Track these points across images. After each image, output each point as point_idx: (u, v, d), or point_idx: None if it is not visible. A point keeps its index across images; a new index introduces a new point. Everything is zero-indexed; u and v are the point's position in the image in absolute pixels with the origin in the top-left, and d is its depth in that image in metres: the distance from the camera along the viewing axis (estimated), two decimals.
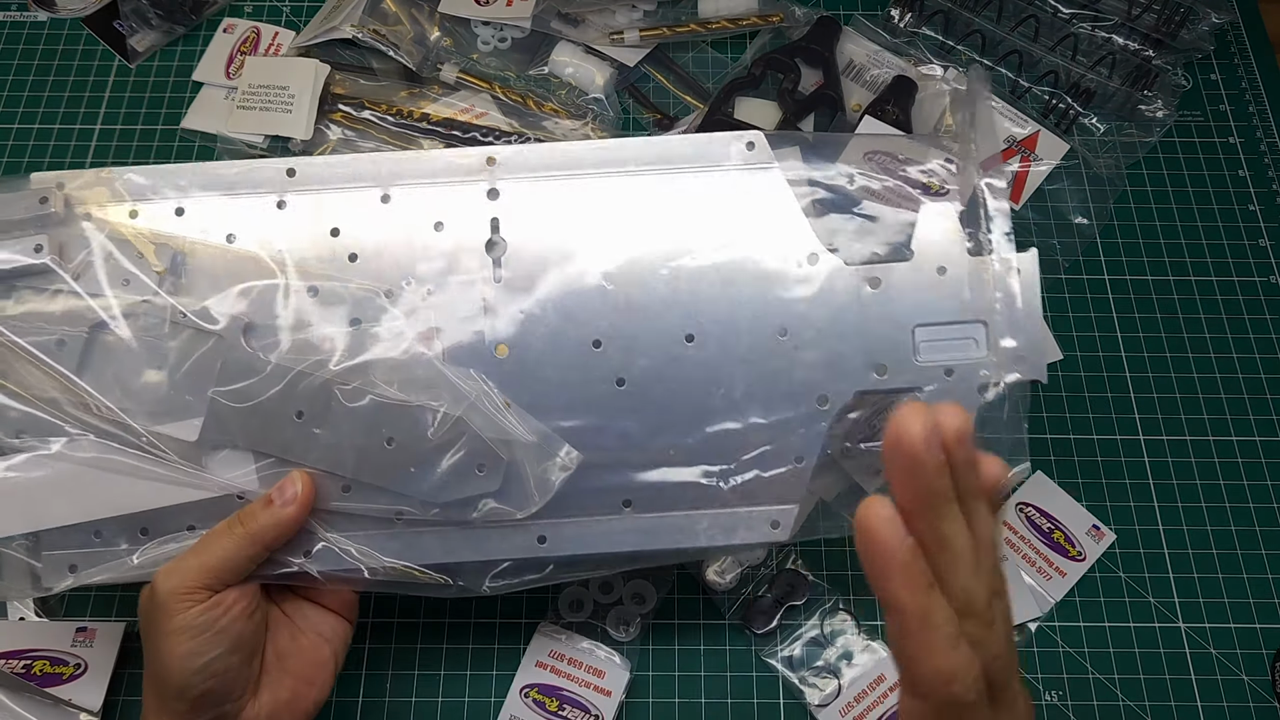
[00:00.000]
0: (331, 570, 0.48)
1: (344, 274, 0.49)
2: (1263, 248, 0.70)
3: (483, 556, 0.49)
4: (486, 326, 0.49)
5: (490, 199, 0.50)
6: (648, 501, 0.49)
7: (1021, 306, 0.48)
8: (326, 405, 0.47)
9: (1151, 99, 0.73)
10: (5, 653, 0.55)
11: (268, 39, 0.76)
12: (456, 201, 0.50)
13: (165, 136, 0.73)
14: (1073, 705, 0.56)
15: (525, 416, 0.48)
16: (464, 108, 0.73)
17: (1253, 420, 0.64)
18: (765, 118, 0.72)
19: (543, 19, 0.75)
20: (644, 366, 0.48)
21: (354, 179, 0.50)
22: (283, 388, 0.47)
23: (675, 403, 0.48)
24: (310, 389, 0.47)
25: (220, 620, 0.44)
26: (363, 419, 0.47)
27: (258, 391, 0.47)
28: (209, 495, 0.48)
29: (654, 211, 0.50)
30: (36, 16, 0.78)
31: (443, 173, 0.50)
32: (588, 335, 0.49)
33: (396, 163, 0.50)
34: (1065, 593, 0.59)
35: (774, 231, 0.49)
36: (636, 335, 0.49)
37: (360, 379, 0.48)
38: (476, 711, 0.56)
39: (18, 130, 0.73)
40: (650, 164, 0.50)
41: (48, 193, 0.49)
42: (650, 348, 0.49)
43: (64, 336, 0.48)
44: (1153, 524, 0.61)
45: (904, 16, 0.76)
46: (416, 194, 0.50)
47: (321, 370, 0.48)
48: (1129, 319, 0.67)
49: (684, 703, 0.56)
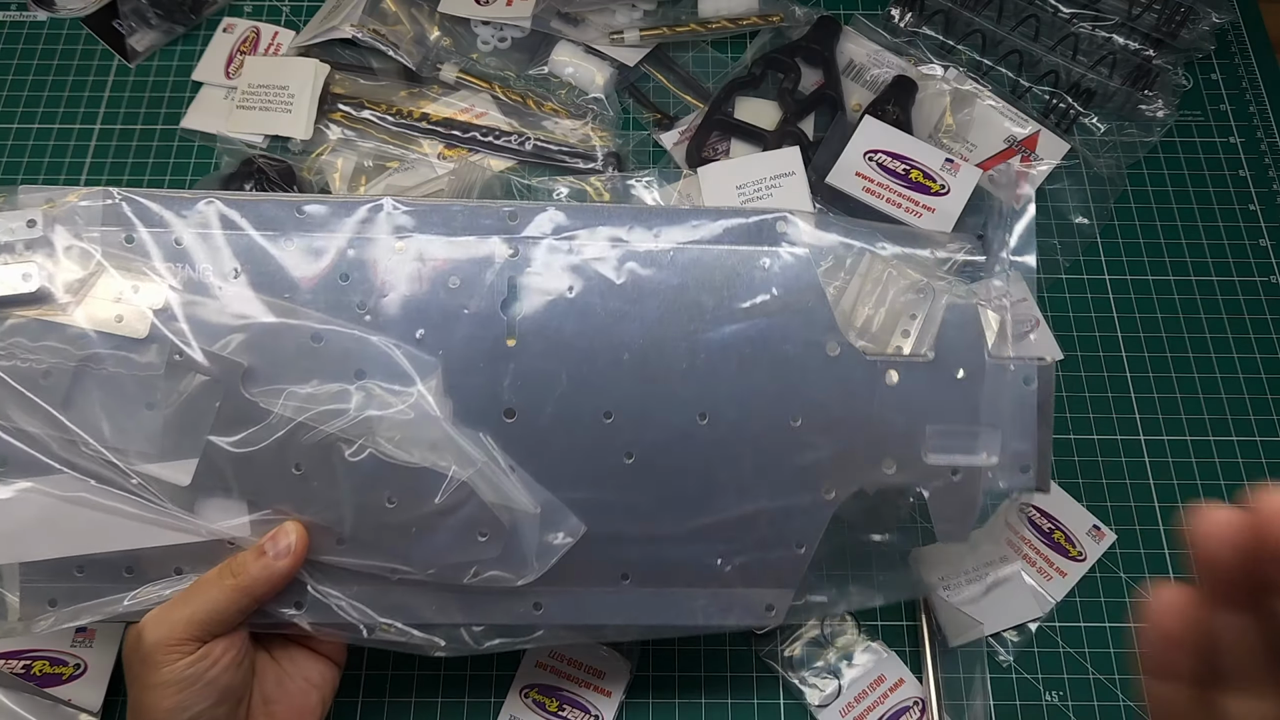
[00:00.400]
0: (322, 623, 0.47)
1: (351, 322, 0.47)
2: (1263, 248, 0.70)
3: (477, 621, 0.48)
4: (497, 387, 0.47)
5: (510, 255, 0.48)
6: (646, 575, 0.48)
7: (1036, 417, 0.48)
8: (327, 460, 0.46)
9: (1152, 99, 0.73)
10: (5, 653, 0.55)
11: (267, 39, 0.76)
12: (474, 255, 0.48)
13: (165, 136, 0.73)
14: (1073, 705, 0.56)
15: (531, 483, 0.47)
16: (464, 108, 0.73)
17: (1253, 420, 0.64)
18: (765, 118, 0.72)
19: (543, 19, 0.75)
20: (654, 441, 0.47)
21: (367, 224, 0.48)
22: (282, 438, 0.46)
23: (682, 480, 0.48)
24: (311, 442, 0.46)
25: (208, 672, 0.43)
26: (364, 476, 0.46)
27: (256, 440, 0.46)
28: (199, 540, 0.46)
29: (677, 282, 0.48)
30: (36, 16, 0.78)
31: (462, 225, 0.48)
32: (600, 405, 0.47)
33: (414, 211, 0.48)
34: (1065, 593, 0.59)
35: (798, 314, 0.48)
36: (649, 409, 0.47)
37: (364, 435, 0.46)
38: (476, 711, 0.56)
39: (17, 130, 0.73)
40: (678, 233, 0.49)
41: (35, 214, 0.47)
42: (662, 424, 0.47)
43: (51, 368, 0.45)
44: (1153, 524, 0.61)
45: (904, 16, 0.76)
46: (432, 245, 0.48)
47: (324, 423, 0.46)
48: (1129, 319, 0.67)
49: (684, 703, 0.56)
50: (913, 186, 0.66)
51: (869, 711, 0.55)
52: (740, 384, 0.48)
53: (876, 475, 0.48)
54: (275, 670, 0.48)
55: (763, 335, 0.48)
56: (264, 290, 0.47)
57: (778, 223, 0.49)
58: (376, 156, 0.71)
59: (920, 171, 0.66)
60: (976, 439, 0.48)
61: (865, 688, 0.56)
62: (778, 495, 0.48)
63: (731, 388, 0.48)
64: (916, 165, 0.67)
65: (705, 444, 0.48)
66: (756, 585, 0.48)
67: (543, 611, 0.48)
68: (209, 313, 0.46)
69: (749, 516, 0.48)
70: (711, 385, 0.48)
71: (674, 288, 0.48)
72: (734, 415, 0.48)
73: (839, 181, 0.67)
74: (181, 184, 0.71)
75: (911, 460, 0.48)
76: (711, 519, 0.48)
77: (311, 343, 0.47)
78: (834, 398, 0.48)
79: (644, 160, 0.72)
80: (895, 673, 0.56)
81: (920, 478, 0.48)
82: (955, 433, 0.48)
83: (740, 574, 0.48)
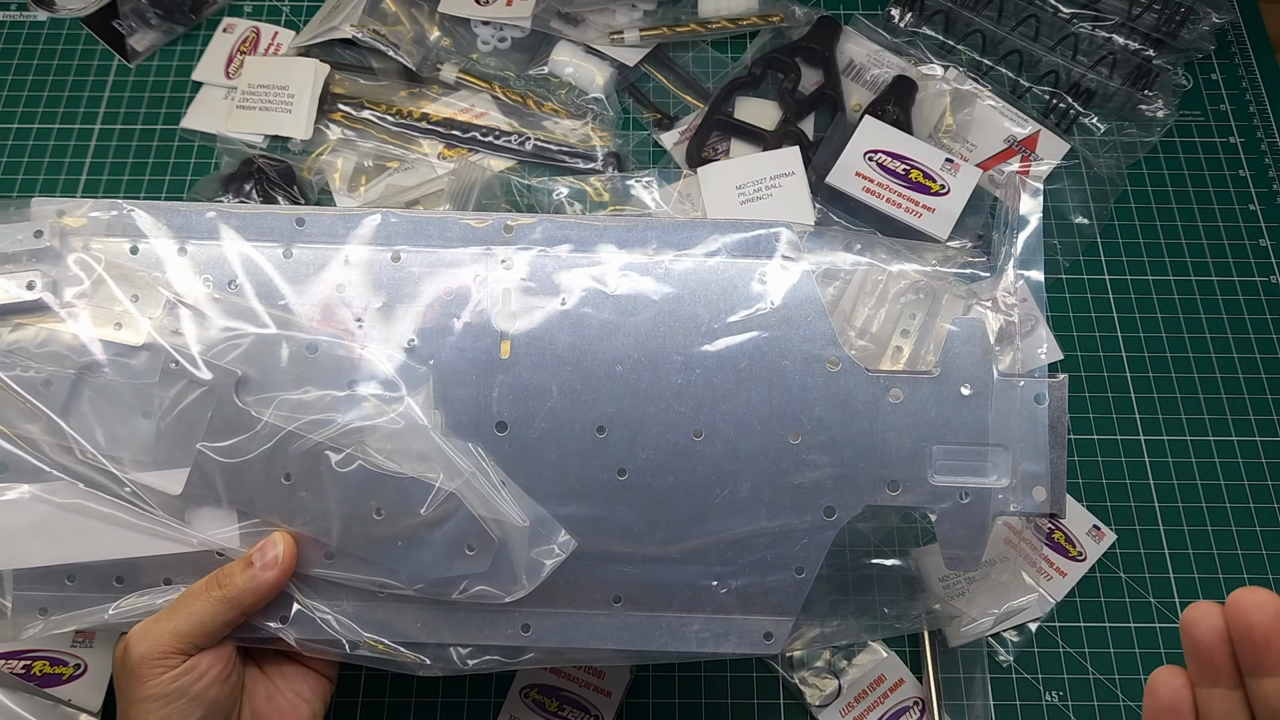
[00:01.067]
0: (308, 639, 0.46)
1: (346, 333, 0.47)
2: (1263, 248, 0.70)
3: (464, 641, 0.47)
4: (489, 400, 0.46)
5: (504, 268, 0.48)
6: (639, 598, 0.47)
7: (1047, 436, 0.47)
8: (316, 469, 0.45)
9: (1152, 99, 0.73)
10: (5, 653, 0.55)
11: (267, 39, 0.76)
12: (469, 268, 0.48)
13: (165, 136, 0.73)
14: (1073, 705, 0.56)
15: (522, 497, 0.46)
16: (464, 107, 0.73)
17: (1253, 420, 0.64)
18: (765, 118, 0.72)
19: (542, 19, 0.75)
20: (648, 458, 0.46)
21: (365, 236, 0.48)
22: (272, 447, 0.45)
23: (677, 499, 0.46)
24: (300, 451, 0.45)
25: (194, 686, 0.43)
26: (352, 487, 0.45)
27: (246, 449, 0.45)
28: (188, 550, 0.46)
29: (673, 295, 0.47)
30: (36, 16, 0.78)
31: (458, 237, 0.48)
32: (593, 420, 0.46)
33: (410, 223, 0.48)
34: (1065, 593, 0.59)
35: (797, 328, 0.47)
36: (643, 425, 0.46)
37: (353, 444, 0.45)
38: (476, 711, 0.56)
39: (18, 130, 0.73)
40: (673, 246, 0.48)
41: (44, 224, 0.47)
42: (656, 440, 0.46)
43: (51, 376, 0.46)
44: (1153, 524, 0.61)
45: (904, 16, 0.76)
46: (428, 257, 0.48)
47: (314, 432, 0.45)
48: (1129, 319, 0.67)
49: (684, 703, 0.56)
50: (913, 186, 0.66)
51: (869, 711, 0.55)
52: (737, 400, 0.46)
53: (881, 496, 0.46)
54: (265, 685, 0.47)
55: (760, 350, 0.47)
56: (262, 300, 0.47)
57: (776, 236, 0.48)
58: (376, 156, 0.71)
59: (920, 171, 0.66)
60: (985, 459, 0.47)
61: (865, 688, 0.56)
62: (776, 516, 0.46)
63: (728, 404, 0.46)
64: (916, 165, 0.67)
65: (700, 461, 0.46)
66: (754, 612, 0.47)
67: (531, 633, 0.46)
68: (207, 322, 0.47)
69: (746, 538, 0.46)
70: (707, 401, 0.46)
71: (669, 300, 0.47)
72: (730, 432, 0.46)
73: (839, 181, 0.67)
74: (181, 184, 0.71)
75: (917, 481, 0.46)
76: (707, 540, 0.46)
77: (306, 353, 0.46)
78: (834, 415, 0.46)
79: (644, 160, 0.72)
80: (895, 673, 0.56)
81: (926, 500, 0.46)
82: (963, 453, 0.47)
83: (737, 599, 0.46)
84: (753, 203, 0.66)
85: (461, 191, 0.67)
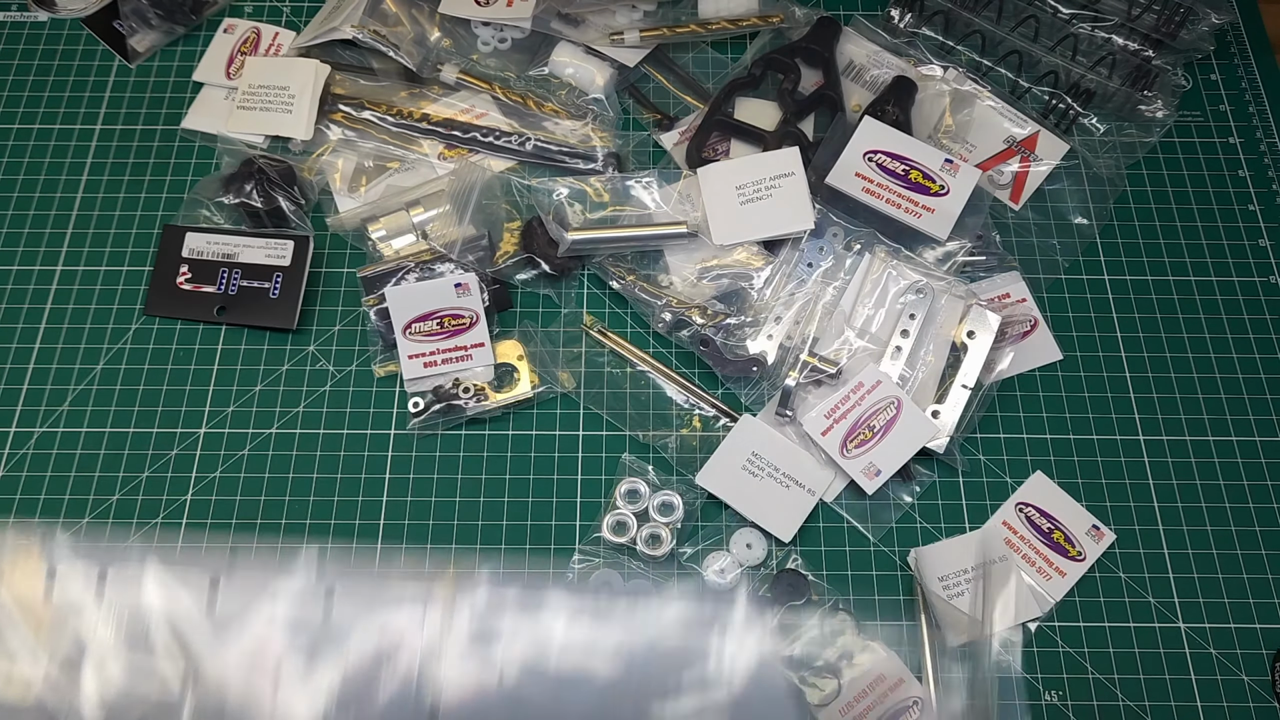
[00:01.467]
0: None
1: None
2: (1263, 248, 0.70)
3: None
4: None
5: (441, 622, 0.42)
6: None
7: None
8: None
9: (1151, 99, 0.73)
10: None
11: (268, 39, 0.76)
12: (396, 630, 0.42)
13: (165, 136, 0.73)
14: (1073, 705, 0.56)
15: None
16: (464, 108, 0.73)
17: (1253, 420, 0.64)
18: (765, 118, 0.72)
19: (543, 19, 0.75)
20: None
21: (295, 573, 0.42)
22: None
23: None
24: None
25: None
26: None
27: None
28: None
29: (616, 664, 0.42)
30: (36, 16, 0.78)
31: (392, 595, 0.43)
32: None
33: (341, 575, 0.43)
34: (1065, 593, 0.59)
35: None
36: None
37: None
38: None
39: (18, 130, 0.73)
40: (622, 614, 0.42)
41: None
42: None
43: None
44: (1153, 524, 0.61)
45: (904, 16, 0.76)
46: (357, 606, 0.42)
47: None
48: (1129, 319, 0.67)
49: None
50: (912, 187, 0.66)
51: (869, 711, 0.55)
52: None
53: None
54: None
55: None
56: (174, 651, 0.41)
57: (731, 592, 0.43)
58: (377, 157, 0.71)
59: (920, 172, 0.67)
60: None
61: (865, 687, 0.56)
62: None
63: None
64: (916, 165, 0.67)
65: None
66: None
67: None
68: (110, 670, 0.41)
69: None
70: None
71: (613, 666, 0.42)
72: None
73: (839, 182, 0.67)
74: (181, 184, 0.71)
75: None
76: None
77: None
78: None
79: (644, 161, 0.72)
80: (895, 673, 0.56)
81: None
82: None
83: None
84: (752, 203, 0.66)
85: (461, 192, 0.67)
